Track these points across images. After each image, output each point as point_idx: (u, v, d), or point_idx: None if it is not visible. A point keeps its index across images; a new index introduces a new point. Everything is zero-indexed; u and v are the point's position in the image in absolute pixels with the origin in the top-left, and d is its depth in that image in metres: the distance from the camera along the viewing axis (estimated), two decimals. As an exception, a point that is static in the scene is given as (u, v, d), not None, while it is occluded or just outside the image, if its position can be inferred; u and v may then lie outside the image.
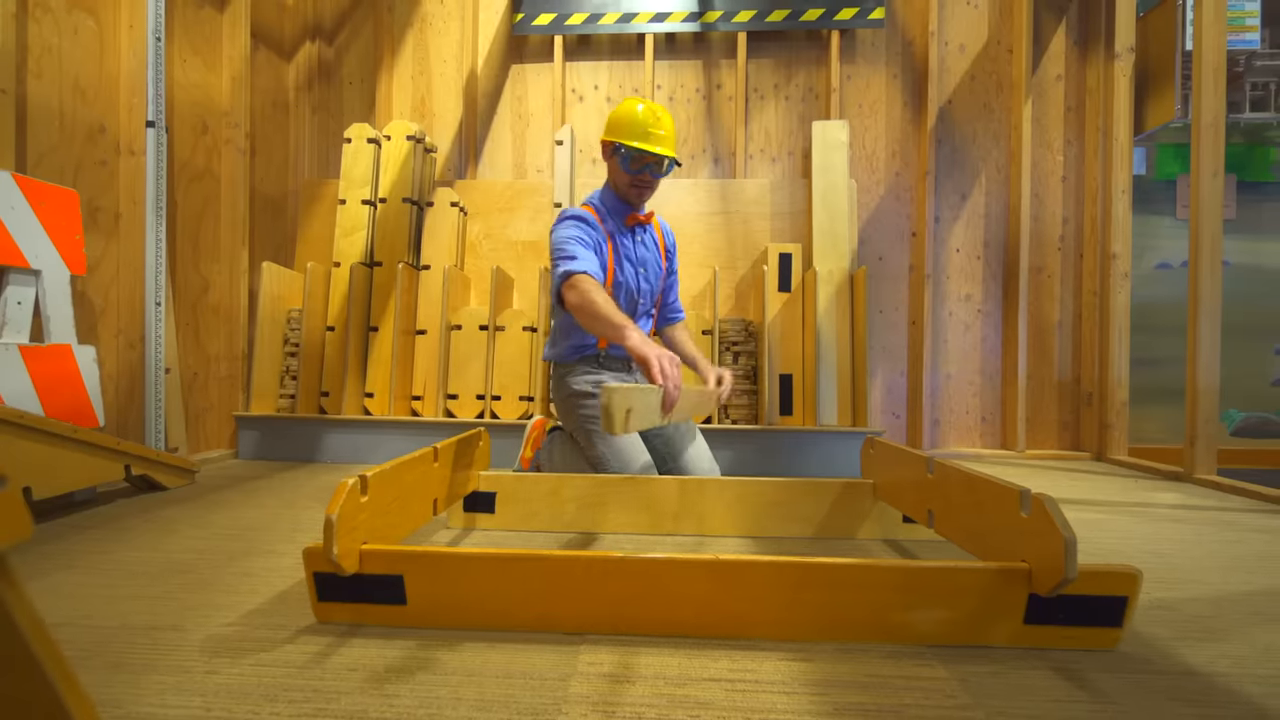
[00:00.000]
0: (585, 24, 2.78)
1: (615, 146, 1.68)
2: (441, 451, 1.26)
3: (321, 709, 0.70)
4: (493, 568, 0.89)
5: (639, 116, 1.64)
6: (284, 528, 1.44)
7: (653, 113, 1.65)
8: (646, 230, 1.81)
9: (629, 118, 1.65)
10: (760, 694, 0.75)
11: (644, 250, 1.78)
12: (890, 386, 2.78)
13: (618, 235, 1.73)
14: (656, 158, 1.65)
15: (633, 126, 1.64)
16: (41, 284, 1.62)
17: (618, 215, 1.74)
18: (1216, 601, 1.07)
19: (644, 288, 1.77)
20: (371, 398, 2.40)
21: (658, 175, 1.69)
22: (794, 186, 2.67)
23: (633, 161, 1.66)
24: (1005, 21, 2.75)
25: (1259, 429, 2.89)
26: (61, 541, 1.31)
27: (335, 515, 0.84)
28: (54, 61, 1.76)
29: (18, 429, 1.33)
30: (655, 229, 1.86)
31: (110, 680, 0.76)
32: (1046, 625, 0.86)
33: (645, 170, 1.66)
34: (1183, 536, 1.47)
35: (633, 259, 1.75)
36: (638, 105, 1.66)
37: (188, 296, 2.25)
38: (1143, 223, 2.87)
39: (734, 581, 0.88)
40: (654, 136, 1.64)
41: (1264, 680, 0.80)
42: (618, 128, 1.67)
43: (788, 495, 1.43)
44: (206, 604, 1.00)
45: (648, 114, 1.64)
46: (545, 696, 0.73)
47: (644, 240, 1.80)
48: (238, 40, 2.40)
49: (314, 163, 2.88)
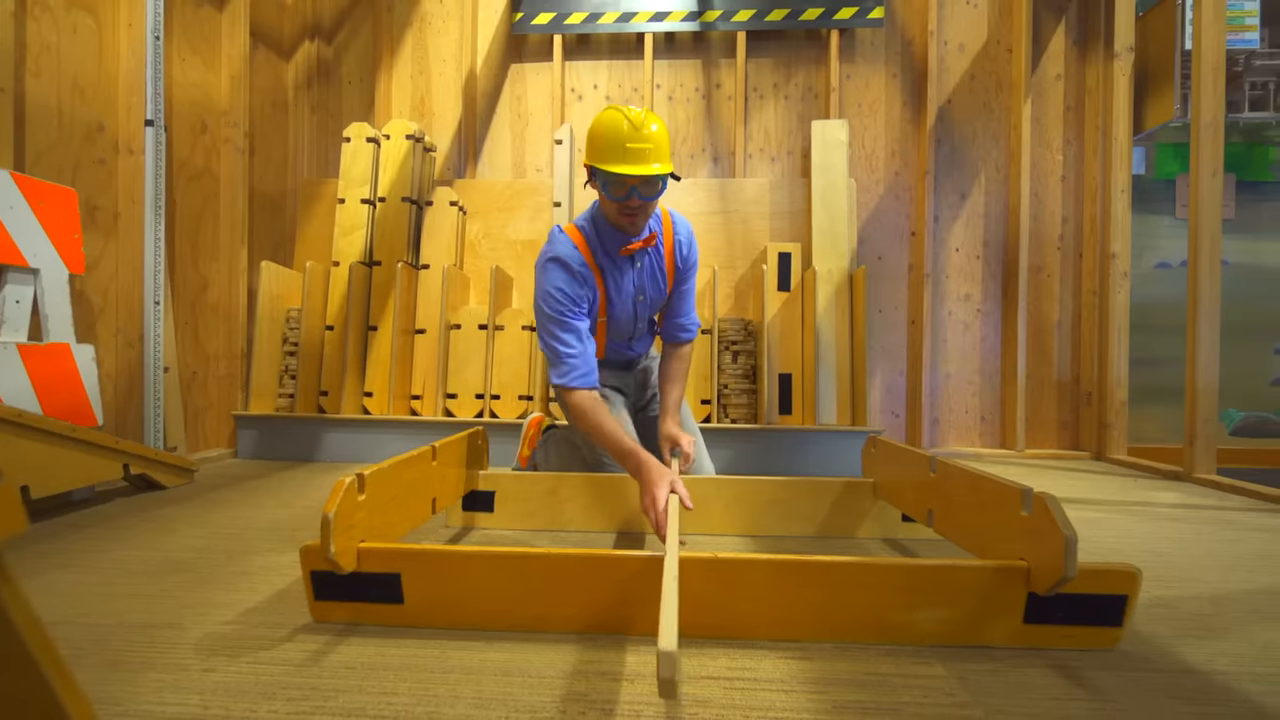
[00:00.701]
0: (584, 23, 2.77)
1: (593, 170, 1.42)
2: (440, 450, 1.26)
3: (319, 707, 0.70)
4: (491, 567, 0.89)
5: (617, 132, 1.36)
6: (282, 527, 1.44)
7: (633, 125, 1.35)
8: (647, 254, 1.56)
9: (605, 134, 1.37)
10: (759, 692, 0.75)
11: (642, 277, 1.57)
12: (889, 386, 2.78)
13: (611, 270, 1.52)
14: (642, 179, 1.36)
15: (610, 146, 1.36)
16: (40, 283, 1.62)
17: (611, 243, 1.51)
18: (1216, 600, 1.06)
19: (641, 312, 1.62)
20: (370, 397, 2.39)
21: (648, 198, 1.40)
22: (793, 186, 2.67)
23: (614, 187, 1.38)
24: (1005, 21, 2.75)
25: (1258, 428, 2.89)
26: (59, 540, 1.31)
27: (333, 513, 0.84)
28: (53, 60, 1.76)
29: (16, 428, 1.33)
30: (666, 243, 1.59)
31: (108, 678, 0.76)
32: (1046, 624, 0.85)
33: (632, 194, 1.38)
34: (1182, 535, 1.47)
35: (631, 288, 1.57)
36: (617, 118, 1.37)
37: (186, 295, 2.24)
38: (1142, 222, 2.87)
39: (734, 580, 0.87)
40: (634, 153, 1.35)
41: (1263, 678, 0.80)
42: (594, 148, 1.40)
43: (788, 494, 1.43)
44: (204, 602, 1.00)
45: (628, 128, 1.35)
46: (543, 694, 0.73)
47: (643, 266, 1.57)
48: (237, 39, 2.40)
49: (313, 162, 2.88)
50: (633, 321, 1.63)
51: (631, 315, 1.61)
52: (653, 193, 1.40)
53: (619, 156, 1.36)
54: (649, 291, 1.60)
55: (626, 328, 1.64)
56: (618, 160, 1.36)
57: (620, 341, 1.68)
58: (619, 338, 1.67)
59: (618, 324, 1.61)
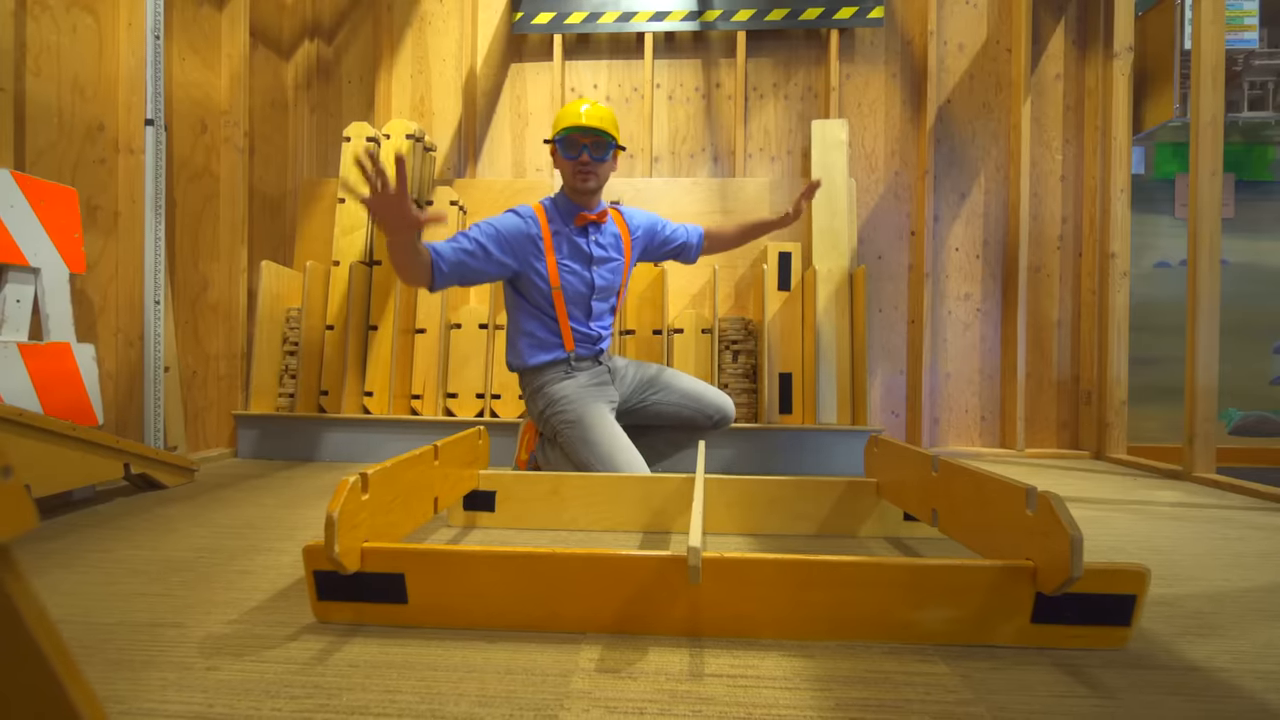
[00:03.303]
0: (584, 23, 2.78)
1: (555, 141, 1.70)
2: (442, 450, 1.25)
3: (323, 705, 0.70)
4: (494, 566, 0.89)
5: (573, 107, 1.68)
6: (283, 526, 1.44)
7: (588, 103, 1.68)
8: (601, 229, 1.79)
9: (563, 111, 1.69)
10: (762, 689, 0.75)
11: (599, 249, 1.77)
12: (889, 385, 2.79)
13: (566, 233, 1.73)
14: (588, 132, 1.65)
15: (566, 115, 1.68)
16: (40, 282, 1.62)
17: (568, 215, 1.74)
18: (1216, 598, 1.07)
19: (599, 284, 1.77)
20: (371, 396, 2.39)
21: (598, 158, 1.68)
22: (793, 185, 2.67)
23: (568, 146, 1.67)
24: (1004, 21, 2.75)
25: (1257, 428, 2.90)
26: (61, 539, 1.31)
27: (337, 513, 0.84)
28: (53, 59, 1.76)
29: (17, 427, 1.33)
30: (618, 223, 1.84)
31: (111, 677, 0.76)
32: (1054, 624, 0.85)
33: (583, 151, 1.67)
34: (1182, 534, 1.47)
35: (584, 257, 1.75)
36: (575, 101, 1.71)
37: (187, 295, 2.24)
38: (1141, 221, 2.87)
39: (737, 580, 0.87)
40: (584, 115, 1.65)
41: (1265, 675, 0.80)
42: (554, 125, 1.70)
43: (790, 493, 1.43)
44: (207, 601, 1.00)
45: (583, 104, 1.67)
46: (547, 692, 0.73)
47: (599, 239, 1.78)
48: (236, 39, 2.40)
49: (313, 161, 2.88)
50: (589, 289, 1.75)
51: (589, 282, 1.75)
52: (601, 153, 1.68)
53: (573, 120, 1.66)
54: (610, 253, 1.79)
55: (583, 297, 1.75)
56: (571, 120, 1.66)
57: (579, 320, 1.75)
58: (578, 312, 1.75)
59: (571, 290, 1.73)
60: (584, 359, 1.76)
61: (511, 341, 1.79)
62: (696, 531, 0.85)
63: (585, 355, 1.76)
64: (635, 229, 1.87)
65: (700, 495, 1.02)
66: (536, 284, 1.71)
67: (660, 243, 1.92)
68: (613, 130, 1.69)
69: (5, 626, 0.33)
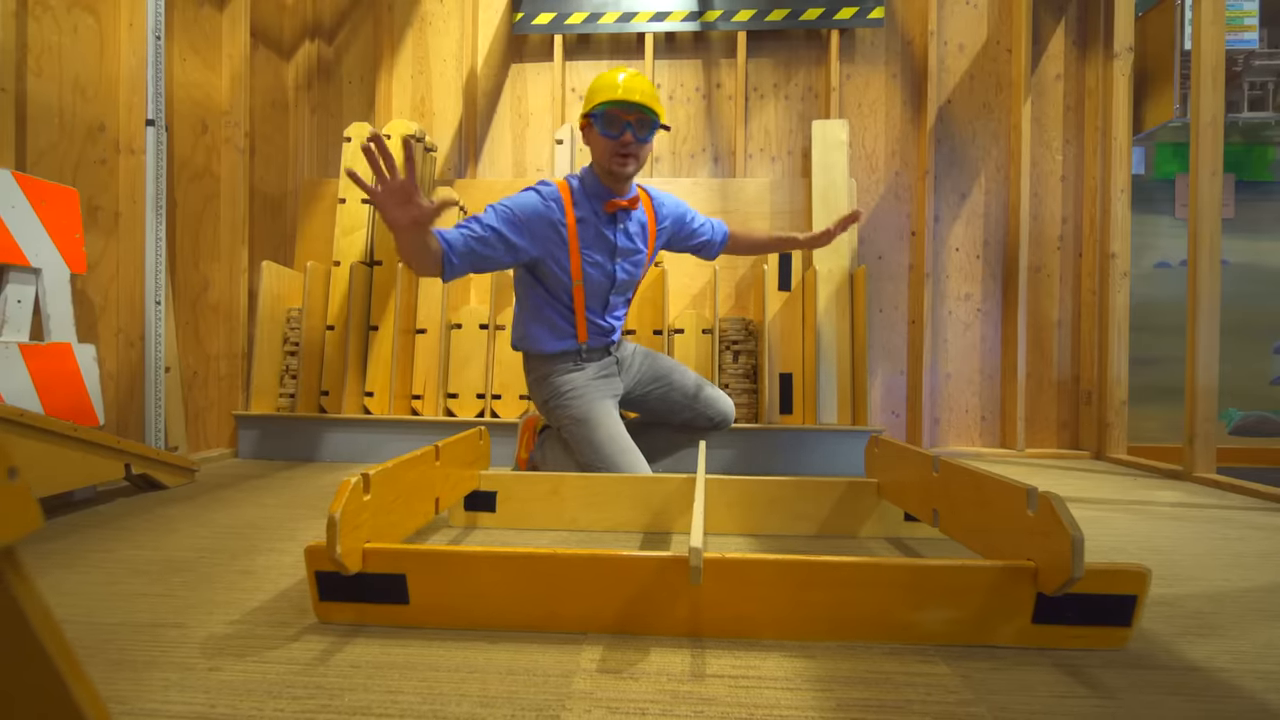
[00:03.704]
0: (585, 23, 2.78)
1: (590, 115, 1.51)
2: (443, 450, 1.26)
3: (325, 705, 0.70)
4: (496, 567, 0.89)
5: (612, 78, 1.49)
6: (284, 526, 1.44)
7: (628, 74, 1.50)
8: (630, 217, 1.62)
9: (601, 82, 1.50)
10: (763, 690, 0.75)
11: (625, 240, 1.62)
12: (890, 385, 2.79)
13: (592, 221, 1.57)
14: (634, 109, 1.47)
15: (606, 87, 1.48)
16: (41, 282, 1.62)
17: (596, 199, 1.58)
18: (1217, 598, 1.07)
19: (620, 278, 1.64)
20: (371, 397, 2.39)
21: (641, 138, 1.50)
22: (794, 185, 2.67)
23: (609, 123, 1.48)
24: (1004, 21, 2.75)
25: (1258, 428, 2.90)
26: (62, 540, 1.31)
27: (339, 514, 0.84)
28: (54, 60, 1.76)
29: (17, 427, 1.33)
30: (646, 210, 1.67)
31: (113, 677, 0.76)
32: (1055, 625, 0.86)
33: (626, 130, 1.48)
34: (1182, 534, 1.47)
35: (608, 248, 1.60)
36: (613, 70, 1.52)
37: (187, 295, 2.24)
38: (1141, 222, 2.88)
39: (738, 580, 0.88)
40: (630, 90, 1.47)
41: (1265, 675, 0.80)
42: (591, 97, 1.52)
43: (791, 493, 1.43)
44: (208, 602, 1.00)
45: (624, 75, 1.49)
46: (549, 693, 0.73)
47: (627, 228, 1.62)
48: (237, 39, 2.40)
49: (313, 162, 2.88)
50: (610, 282, 1.63)
51: (610, 275, 1.62)
52: (646, 132, 1.50)
53: (615, 92, 1.47)
54: (637, 245, 1.65)
55: (603, 290, 1.63)
56: (614, 93, 1.47)
57: (596, 311, 1.66)
58: (595, 305, 1.65)
59: (592, 284, 1.61)
60: (595, 350, 1.68)
61: (522, 323, 1.68)
62: (698, 532, 0.86)
63: (597, 347, 1.68)
64: (663, 219, 1.73)
65: (701, 495, 1.03)
66: (556, 274, 1.58)
67: (685, 236, 1.79)
68: (658, 107, 1.51)
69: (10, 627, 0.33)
